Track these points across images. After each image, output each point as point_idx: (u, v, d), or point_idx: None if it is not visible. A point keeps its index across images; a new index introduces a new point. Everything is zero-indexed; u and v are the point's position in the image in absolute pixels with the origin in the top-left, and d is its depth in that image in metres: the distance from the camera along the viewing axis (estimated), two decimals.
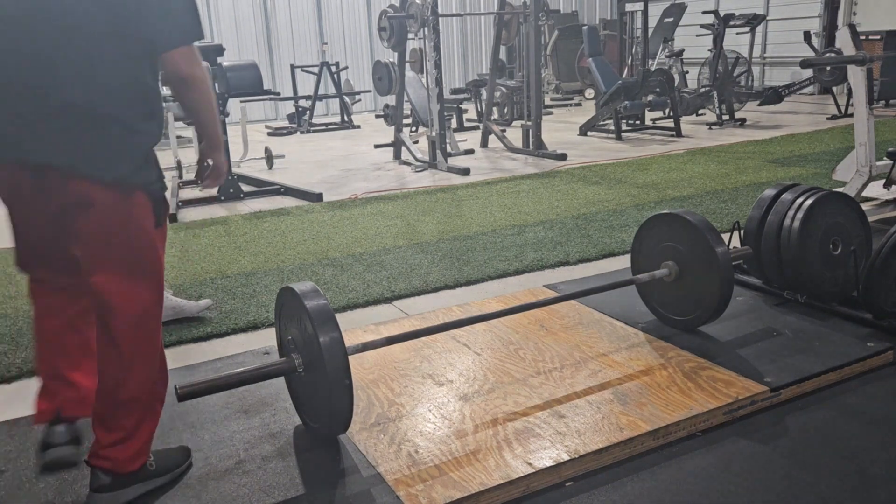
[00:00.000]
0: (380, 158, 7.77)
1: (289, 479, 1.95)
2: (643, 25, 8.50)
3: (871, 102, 4.21)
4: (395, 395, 2.37)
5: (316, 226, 4.90)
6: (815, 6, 11.79)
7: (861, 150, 4.19)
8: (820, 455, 2.00)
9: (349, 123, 10.73)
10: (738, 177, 5.85)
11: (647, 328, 2.80)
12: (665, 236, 2.76)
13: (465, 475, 1.90)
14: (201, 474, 1.98)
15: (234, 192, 5.88)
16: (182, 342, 3.02)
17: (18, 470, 2.08)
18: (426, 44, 6.82)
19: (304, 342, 2.00)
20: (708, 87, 9.01)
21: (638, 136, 8.59)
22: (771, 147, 7.31)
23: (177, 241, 4.63)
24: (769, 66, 12.56)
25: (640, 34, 9.11)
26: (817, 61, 4.69)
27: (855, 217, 2.96)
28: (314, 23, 12.74)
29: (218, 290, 3.62)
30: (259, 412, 2.31)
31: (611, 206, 5.05)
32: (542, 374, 2.47)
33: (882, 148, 4.65)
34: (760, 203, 3.03)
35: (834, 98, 9.40)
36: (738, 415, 2.21)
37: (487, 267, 3.81)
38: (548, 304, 2.57)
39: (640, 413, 2.17)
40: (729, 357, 2.52)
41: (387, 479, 1.91)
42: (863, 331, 2.68)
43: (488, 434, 2.10)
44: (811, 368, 2.40)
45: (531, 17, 7.26)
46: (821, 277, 2.87)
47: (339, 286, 3.60)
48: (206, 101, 1.90)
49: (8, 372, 2.77)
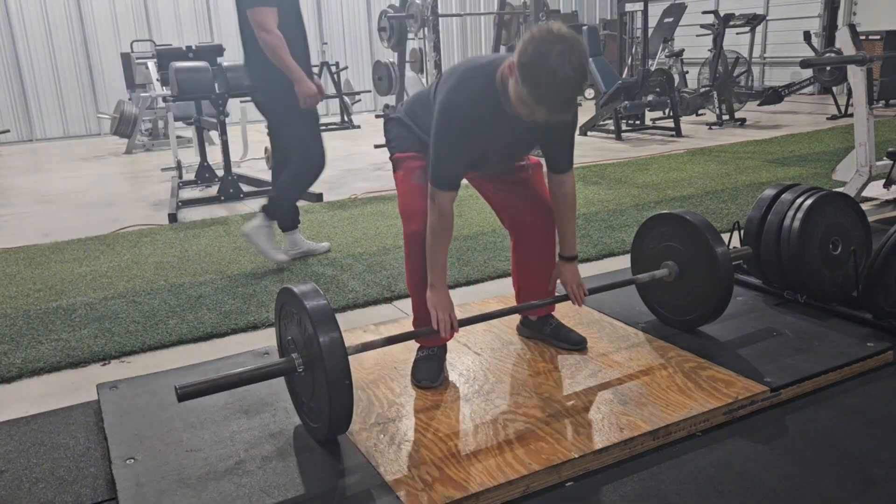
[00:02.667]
0: (380, 158, 7.76)
1: (289, 479, 1.95)
2: (643, 25, 8.50)
3: (871, 102, 4.21)
4: (395, 395, 2.37)
5: (316, 226, 4.90)
6: (815, 6, 11.79)
7: (861, 150, 4.19)
8: (820, 455, 2.00)
9: (349, 123, 10.71)
10: (738, 177, 5.85)
11: (647, 328, 2.80)
12: (665, 236, 2.76)
13: (465, 475, 1.90)
14: (201, 474, 1.98)
15: (234, 192, 5.88)
16: (182, 342, 3.02)
17: (18, 470, 2.08)
18: (426, 44, 6.82)
19: (304, 342, 2.00)
20: (708, 87, 9.01)
21: (638, 136, 8.59)
22: (771, 147, 7.31)
23: (177, 241, 4.63)
24: (769, 66, 12.56)
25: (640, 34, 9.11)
26: (817, 61, 4.69)
27: (855, 217, 2.96)
28: (314, 23, 12.73)
29: (218, 290, 3.62)
30: (259, 412, 2.31)
31: (611, 206, 5.05)
32: (542, 374, 2.47)
33: (882, 148, 4.65)
34: (760, 203, 3.03)
35: (834, 98, 9.40)
36: (738, 415, 2.21)
37: (487, 267, 3.81)
38: (548, 304, 2.57)
39: (640, 413, 2.17)
40: (729, 357, 2.52)
41: (387, 479, 1.91)
42: (863, 331, 2.68)
43: (488, 434, 2.10)
44: (811, 368, 2.40)
45: (531, 17, 7.26)
46: (821, 277, 2.87)
47: (339, 286, 3.60)
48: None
49: (8, 372, 2.77)
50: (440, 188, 2.18)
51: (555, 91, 1.93)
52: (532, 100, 1.97)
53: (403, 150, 2.43)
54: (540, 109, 1.99)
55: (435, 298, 2.26)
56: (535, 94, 1.95)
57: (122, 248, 4.51)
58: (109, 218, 5.46)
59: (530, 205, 2.54)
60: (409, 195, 2.37)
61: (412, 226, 2.33)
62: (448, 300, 2.29)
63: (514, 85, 2.01)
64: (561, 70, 1.90)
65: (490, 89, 2.13)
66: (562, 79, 1.91)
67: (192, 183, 6.65)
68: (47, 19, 10.92)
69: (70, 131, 11.29)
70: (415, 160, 2.39)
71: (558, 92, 1.94)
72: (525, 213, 2.55)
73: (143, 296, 3.57)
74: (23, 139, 10.98)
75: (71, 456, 2.15)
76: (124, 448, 2.12)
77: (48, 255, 4.44)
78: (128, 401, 2.41)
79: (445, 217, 2.20)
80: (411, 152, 2.40)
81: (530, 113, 2.02)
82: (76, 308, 3.43)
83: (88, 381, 2.67)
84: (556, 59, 1.90)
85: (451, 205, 2.21)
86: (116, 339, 3.04)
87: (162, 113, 8.91)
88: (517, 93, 2.01)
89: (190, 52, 6.66)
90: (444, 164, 2.18)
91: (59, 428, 2.31)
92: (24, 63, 10.84)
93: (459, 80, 2.16)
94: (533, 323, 2.74)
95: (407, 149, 2.41)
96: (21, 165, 8.64)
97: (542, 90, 1.94)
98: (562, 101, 1.97)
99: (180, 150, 7.61)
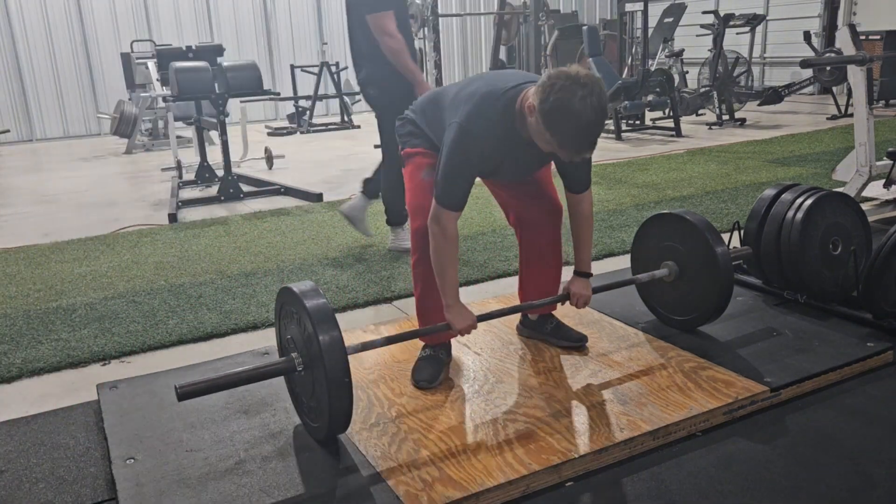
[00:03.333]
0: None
1: (289, 479, 1.95)
2: (643, 25, 8.50)
3: (871, 102, 4.21)
4: (395, 395, 2.37)
5: (316, 226, 4.90)
6: (815, 6, 11.78)
7: (861, 150, 4.19)
8: (820, 455, 2.00)
9: (349, 123, 10.72)
10: (738, 177, 5.85)
11: (647, 328, 2.80)
12: (665, 236, 2.76)
13: (465, 475, 1.90)
14: (201, 474, 1.98)
15: (234, 192, 5.88)
16: (182, 342, 3.02)
17: (18, 470, 2.08)
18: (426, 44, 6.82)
19: (304, 341, 2.00)
20: (708, 87, 9.01)
21: (638, 136, 8.59)
22: (771, 147, 7.31)
23: (177, 241, 4.63)
24: (769, 66, 12.55)
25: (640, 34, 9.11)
26: (817, 61, 4.69)
27: (855, 217, 2.96)
28: (314, 23, 12.73)
29: (218, 290, 3.62)
30: (259, 412, 2.31)
31: (611, 206, 5.05)
32: (541, 374, 2.47)
33: (882, 148, 4.65)
34: (760, 203, 3.03)
35: (834, 98, 9.40)
36: (738, 415, 2.21)
37: (487, 267, 3.81)
38: (547, 304, 2.57)
39: (640, 413, 2.17)
40: (729, 357, 2.52)
41: (387, 479, 1.91)
42: (863, 331, 2.68)
43: (488, 434, 2.10)
44: (811, 368, 2.40)
45: (531, 17, 7.27)
46: (821, 277, 2.87)
47: (339, 286, 3.60)
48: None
49: (8, 372, 2.77)
50: (446, 207, 2.17)
51: (579, 136, 1.97)
52: (556, 143, 2.00)
53: (413, 146, 2.44)
54: (563, 151, 2.02)
55: (453, 317, 2.27)
56: (558, 140, 1.99)
57: (122, 248, 4.51)
58: (109, 218, 5.46)
59: (537, 202, 2.54)
60: (417, 191, 2.39)
61: (418, 221, 2.35)
62: (468, 314, 2.29)
63: (535, 125, 2.03)
64: (584, 115, 1.92)
65: (507, 116, 2.14)
66: (585, 124, 1.94)
67: (192, 183, 6.65)
68: (47, 19, 10.92)
69: (70, 131, 11.29)
70: (423, 157, 2.40)
71: (583, 137, 1.97)
72: (531, 210, 2.55)
73: (143, 296, 3.57)
74: (23, 139, 10.98)
75: (71, 456, 2.15)
76: (124, 448, 2.12)
77: (48, 255, 4.44)
78: (128, 401, 2.41)
79: (450, 237, 2.20)
80: (420, 148, 2.41)
81: (553, 150, 2.06)
82: (76, 308, 3.43)
83: (88, 381, 2.68)
84: (579, 105, 1.91)
85: (456, 225, 2.21)
86: (116, 339, 3.04)
87: (162, 113, 8.92)
88: (539, 133, 2.04)
89: (190, 52, 6.66)
90: (453, 185, 2.17)
91: (59, 428, 2.31)
92: (24, 63, 10.84)
93: (478, 105, 2.15)
94: (533, 322, 2.74)
95: (417, 145, 2.43)
96: (21, 165, 8.64)
97: (567, 136, 1.97)
98: (586, 144, 2.00)
99: (180, 150, 7.61)
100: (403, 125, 2.49)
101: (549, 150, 2.09)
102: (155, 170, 7.68)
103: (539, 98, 1.97)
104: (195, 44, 7.20)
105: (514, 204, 2.58)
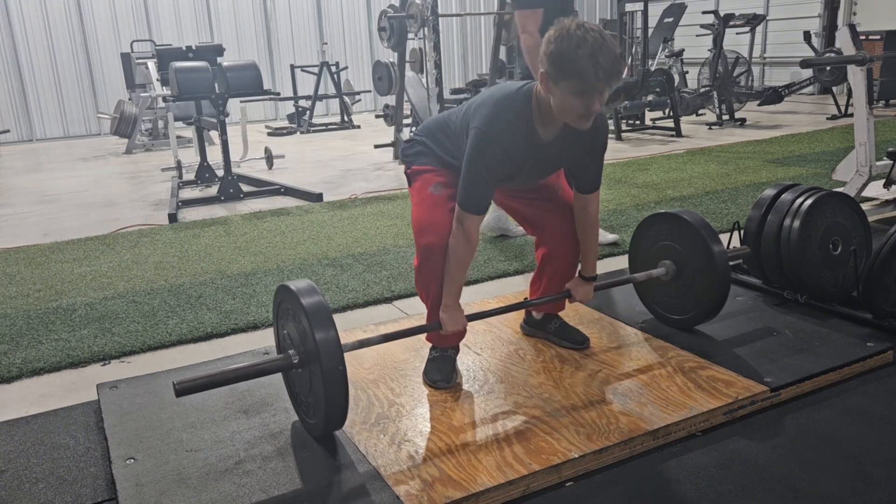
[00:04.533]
0: (380, 158, 7.77)
1: (288, 478, 1.95)
2: (643, 25, 8.49)
3: (871, 102, 4.21)
4: (395, 395, 2.37)
5: (316, 226, 4.90)
6: (815, 6, 11.79)
7: (861, 150, 4.19)
8: (820, 455, 2.00)
9: (349, 123, 10.73)
10: (738, 177, 5.85)
11: (647, 328, 2.80)
12: (662, 235, 2.76)
13: (464, 475, 1.90)
14: (201, 474, 1.98)
15: (234, 192, 5.88)
16: (182, 342, 3.03)
17: (18, 470, 2.08)
18: (426, 44, 6.81)
19: (300, 337, 2.01)
20: (708, 87, 9.01)
21: (638, 136, 8.59)
22: (771, 147, 7.31)
23: (177, 241, 4.63)
24: (769, 66, 12.56)
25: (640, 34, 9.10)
26: (817, 61, 4.69)
27: (855, 217, 2.96)
28: (314, 23, 12.74)
29: (218, 290, 3.62)
30: (259, 412, 2.31)
31: (611, 206, 5.05)
32: (541, 373, 2.47)
33: (882, 148, 4.65)
34: (760, 203, 3.03)
35: (834, 98, 9.40)
36: (738, 415, 2.21)
37: (487, 267, 3.81)
38: (545, 303, 2.57)
39: (640, 413, 2.17)
40: (729, 357, 2.52)
41: (387, 479, 1.91)
42: (863, 331, 2.68)
43: (488, 434, 2.10)
44: (811, 368, 2.40)
45: None
46: (821, 277, 2.87)
47: (339, 286, 3.60)
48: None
49: (8, 372, 2.77)
50: (469, 212, 2.17)
51: (590, 63, 1.90)
52: (577, 87, 1.94)
53: (421, 164, 2.40)
54: (583, 97, 1.95)
55: (448, 317, 2.27)
56: (575, 82, 1.93)
57: (122, 248, 4.52)
58: (109, 218, 5.46)
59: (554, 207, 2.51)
60: (423, 206, 2.33)
61: (425, 238, 2.28)
62: (461, 319, 2.30)
63: (553, 89, 2.00)
64: (587, 42, 1.89)
65: (525, 113, 2.13)
66: (590, 51, 1.89)
67: (192, 183, 6.65)
68: (47, 19, 10.92)
69: (70, 131, 11.30)
70: (432, 174, 2.37)
71: (595, 62, 1.90)
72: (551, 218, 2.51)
73: (143, 296, 3.58)
74: (23, 139, 10.99)
75: (71, 456, 2.15)
76: (124, 448, 2.12)
77: (48, 255, 4.44)
78: (128, 401, 2.41)
79: (471, 241, 2.19)
80: (428, 166, 2.38)
81: (579, 112, 1.99)
82: (76, 308, 3.43)
83: (88, 381, 2.68)
84: (579, 34, 1.91)
85: (478, 229, 2.21)
86: (116, 339, 3.04)
87: (162, 113, 8.92)
88: (559, 96, 1.99)
89: (190, 52, 6.67)
90: (476, 188, 2.17)
91: (59, 428, 2.31)
92: (24, 63, 10.85)
93: (496, 106, 2.14)
94: (537, 321, 2.74)
95: (425, 163, 2.39)
96: (21, 165, 8.64)
97: (579, 68, 1.90)
98: (602, 72, 1.91)
99: (180, 150, 7.62)
100: (411, 146, 2.47)
101: (578, 119, 2.02)
102: (155, 170, 7.68)
103: (543, 56, 1.97)
104: (195, 44, 7.20)
105: (532, 215, 2.54)
